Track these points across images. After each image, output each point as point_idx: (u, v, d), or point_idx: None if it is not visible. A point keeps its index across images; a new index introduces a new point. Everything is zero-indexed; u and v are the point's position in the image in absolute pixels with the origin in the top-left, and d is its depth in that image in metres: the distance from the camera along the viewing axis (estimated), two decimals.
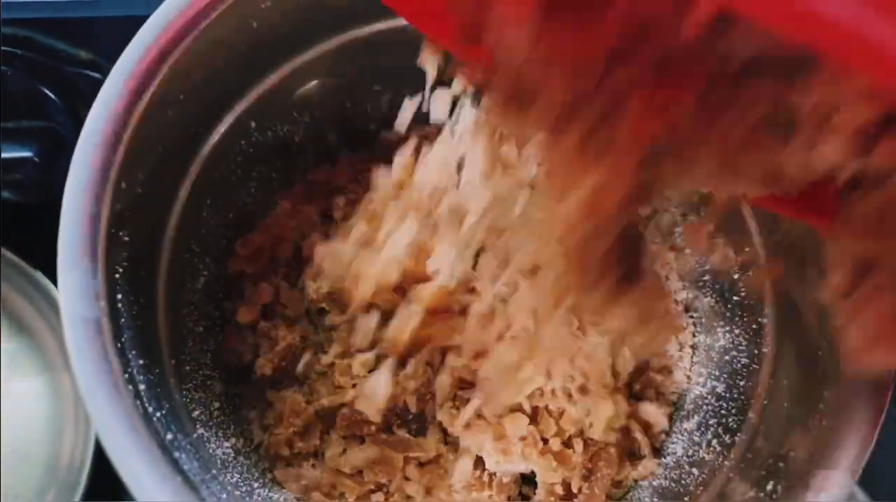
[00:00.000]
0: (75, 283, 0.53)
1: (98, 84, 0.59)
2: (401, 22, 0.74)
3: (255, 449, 0.73)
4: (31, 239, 0.51)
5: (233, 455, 0.69)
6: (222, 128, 0.72)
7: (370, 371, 0.72)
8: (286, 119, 0.79)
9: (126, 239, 0.60)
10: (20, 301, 0.95)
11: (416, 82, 0.67)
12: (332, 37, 0.74)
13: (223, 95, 0.71)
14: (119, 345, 0.55)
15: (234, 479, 0.66)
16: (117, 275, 0.58)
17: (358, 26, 0.74)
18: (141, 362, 0.59)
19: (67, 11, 0.87)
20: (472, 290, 0.70)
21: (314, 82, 0.78)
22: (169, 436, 0.58)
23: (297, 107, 0.79)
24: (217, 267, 0.78)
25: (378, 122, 0.84)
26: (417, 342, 0.70)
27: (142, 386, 0.57)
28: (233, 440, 0.71)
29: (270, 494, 0.70)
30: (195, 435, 0.65)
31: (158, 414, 0.58)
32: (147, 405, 0.56)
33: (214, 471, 0.64)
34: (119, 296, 0.58)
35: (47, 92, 0.86)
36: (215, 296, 0.77)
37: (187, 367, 0.69)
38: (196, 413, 0.67)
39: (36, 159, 0.83)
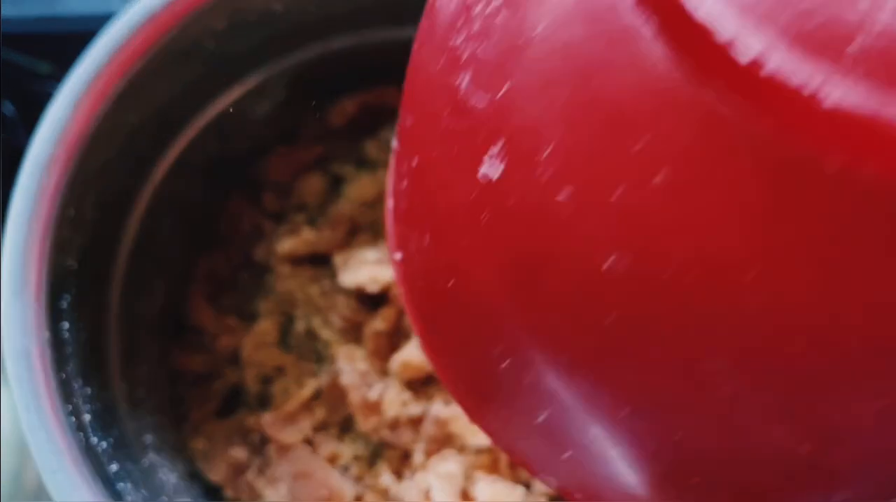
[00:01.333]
0: (16, 314, 0.52)
1: None
2: (367, 38, 0.74)
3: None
4: None
5: (186, 481, 0.68)
6: (179, 145, 0.71)
7: None
8: (246, 134, 0.78)
9: (73, 266, 0.58)
10: None
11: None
12: (289, 54, 0.73)
13: (180, 112, 0.70)
14: (63, 375, 0.54)
15: None
16: (63, 303, 0.57)
17: (314, 42, 0.73)
18: (88, 391, 0.58)
19: (28, 24, 0.86)
20: None
21: (273, 100, 0.77)
22: (114, 467, 0.57)
23: (258, 122, 0.78)
24: (175, 285, 0.76)
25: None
26: None
27: (86, 417, 0.56)
28: (186, 464, 0.70)
29: None
30: (146, 462, 0.64)
31: (104, 443, 0.57)
32: (91, 436, 0.55)
33: (164, 498, 0.63)
34: (65, 325, 0.57)
35: (5, 106, 0.84)
36: (173, 315, 0.76)
37: (140, 391, 0.68)
38: (148, 438, 0.66)
39: None
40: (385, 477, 0.69)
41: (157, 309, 0.73)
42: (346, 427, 0.72)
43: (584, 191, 0.29)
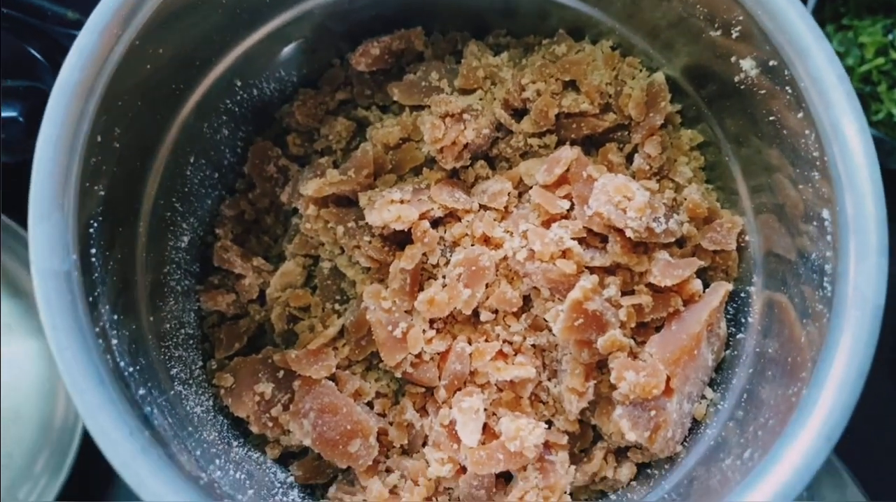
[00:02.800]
0: (44, 236, 0.53)
1: None
2: None
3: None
4: (22, 200, 0.51)
5: (212, 414, 0.69)
6: (205, 85, 0.71)
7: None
8: (272, 77, 0.78)
9: (101, 193, 0.59)
10: (15, 264, 0.96)
11: None
12: None
13: (205, 51, 0.70)
14: (91, 299, 0.55)
15: (212, 437, 0.66)
16: (91, 230, 0.57)
17: None
18: (115, 317, 0.58)
19: None
20: None
21: (300, 41, 0.77)
22: (141, 392, 0.57)
23: (283, 65, 0.78)
24: (202, 227, 0.77)
25: None
26: None
27: (114, 341, 0.57)
28: (212, 399, 0.70)
29: (249, 453, 0.69)
30: (172, 393, 0.64)
31: (131, 368, 0.58)
32: (118, 359, 0.56)
33: (190, 429, 0.63)
34: (93, 251, 0.57)
35: (34, 52, 0.85)
36: (201, 255, 0.77)
37: (167, 325, 0.69)
38: (175, 370, 0.67)
39: (21, 119, 0.83)
40: (409, 414, 0.69)
41: (184, 247, 0.74)
42: (371, 364, 0.73)
43: None
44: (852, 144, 0.56)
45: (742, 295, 0.70)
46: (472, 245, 0.70)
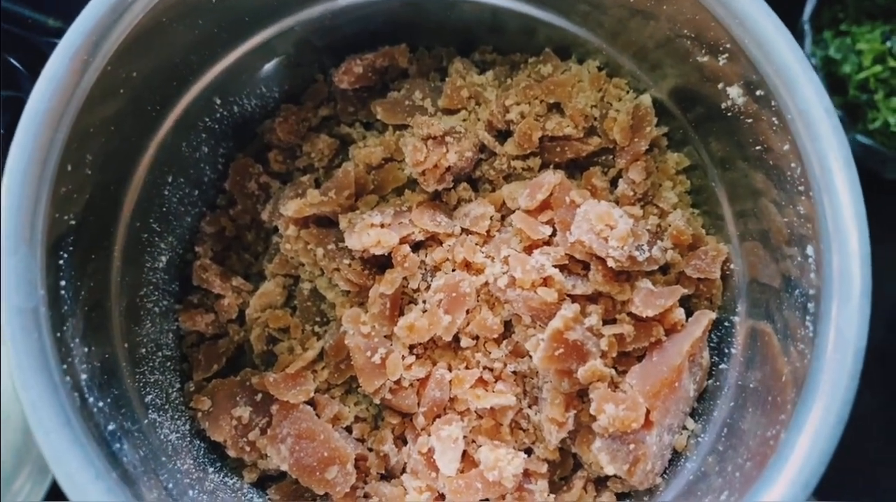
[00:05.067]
0: (11, 271, 0.52)
1: None
2: None
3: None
4: None
5: (188, 439, 0.68)
6: (183, 104, 0.70)
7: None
8: (253, 94, 0.77)
9: (72, 222, 0.58)
10: None
11: None
12: (298, 11, 0.72)
13: (182, 71, 0.68)
14: (59, 334, 0.54)
15: (186, 466, 0.65)
16: (61, 261, 0.56)
17: (323, 1, 0.71)
18: (85, 350, 0.58)
19: None
20: None
21: (282, 56, 0.75)
22: (111, 427, 0.56)
23: (264, 81, 0.77)
24: (181, 245, 0.76)
25: None
26: None
27: (83, 376, 0.56)
28: (188, 423, 0.69)
29: (225, 479, 0.69)
30: (145, 421, 0.64)
31: (101, 403, 0.57)
32: (87, 395, 0.55)
33: (164, 459, 0.63)
34: (62, 283, 0.56)
35: (13, 62, 0.84)
36: (179, 275, 0.76)
37: (143, 350, 0.68)
38: (150, 397, 0.66)
39: (2, 131, 0.81)
40: (388, 446, 0.69)
41: (162, 267, 0.73)
42: (350, 387, 0.72)
43: None
44: (838, 181, 0.55)
45: (726, 324, 0.69)
46: (453, 270, 0.69)
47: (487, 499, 0.66)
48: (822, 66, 0.94)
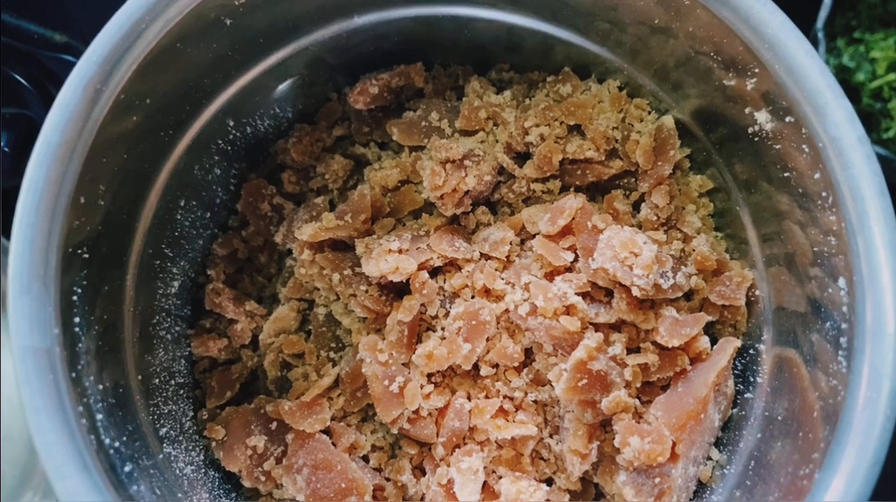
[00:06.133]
0: (24, 311, 0.50)
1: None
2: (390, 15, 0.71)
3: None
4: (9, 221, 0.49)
5: (203, 470, 0.67)
6: (196, 128, 0.68)
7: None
8: (266, 115, 0.75)
9: (85, 256, 0.56)
10: (4, 279, 0.93)
11: None
12: (313, 31, 0.70)
13: (195, 95, 0.67)
14: (74, 374, 0.53)
15: (203, 498, 0.63)
16: (74, 297, 0.55)
17: (338, 20, 0.70)
18: (100, 387, 0.56)
19: None
20: None
21: (296, 77, 0.74)
22: (127, 468, 0.55)
23: (278, 102, 0.75)
24: (193, 269, 0.74)
25: None
26: None
27: (99, 416, 0.54)
28: (203, 453, 0.68)
29: None
30: (160, 456, 0.62)
31: (117, 443, 0.55)
32: (103, 436, 0.54)
33: (180, 495, 0.61)
34: (76, 320, 0.55)
35: (19, 78, 0.82)
36: (191, 299, 0.74)
37: (157, 380, 0.66)
38: (164, 429, 0.65)
39: (6, 149, 0.80)
40: (406, 476, 0.67)
41: (174, 292, 0.71)
42: (366, 415, 0.71)
43: None
44: (871, 212, 0.53)
45: (751, 351, 0.67)
46: (473, 297, 0.68)
47: None
48: (835, 75, 0.93)
